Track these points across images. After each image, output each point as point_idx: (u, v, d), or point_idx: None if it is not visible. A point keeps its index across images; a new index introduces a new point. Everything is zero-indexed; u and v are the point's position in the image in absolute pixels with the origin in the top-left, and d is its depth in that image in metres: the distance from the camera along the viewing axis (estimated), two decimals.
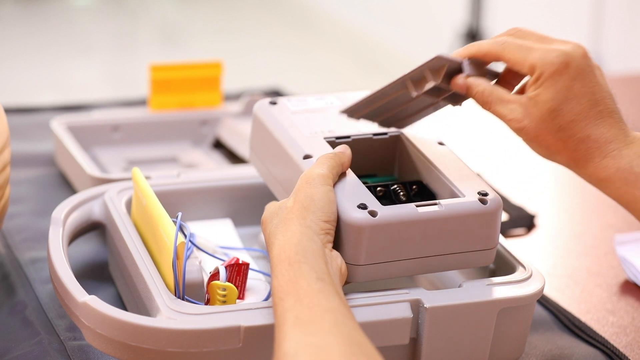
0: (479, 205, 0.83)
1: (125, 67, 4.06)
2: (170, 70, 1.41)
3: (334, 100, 0.96)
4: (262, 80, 3.07)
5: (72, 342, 0.90)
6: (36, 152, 1.38)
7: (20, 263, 1.05)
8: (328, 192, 0.80)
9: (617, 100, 0.83)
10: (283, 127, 0.91)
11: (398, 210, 0.82)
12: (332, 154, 0.84)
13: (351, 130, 0.92)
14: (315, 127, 0.92)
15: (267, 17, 4.77)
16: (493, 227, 0.85)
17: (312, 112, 0.94)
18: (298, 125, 0.91)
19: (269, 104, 0.95)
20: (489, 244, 0.85)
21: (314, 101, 0.96)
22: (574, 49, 0.81)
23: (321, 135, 0.90)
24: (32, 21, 4.62)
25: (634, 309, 1.01)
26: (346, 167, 0.85)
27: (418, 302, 0.82)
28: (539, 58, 0.80)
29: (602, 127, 0.81)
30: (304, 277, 0.73)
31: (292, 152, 0.88)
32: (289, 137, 0.90)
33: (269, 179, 0.94)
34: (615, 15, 3.23)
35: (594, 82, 0.81)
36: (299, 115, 0.93)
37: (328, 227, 0.79)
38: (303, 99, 0.96)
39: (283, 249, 0.76)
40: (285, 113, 0.93)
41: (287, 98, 0.96)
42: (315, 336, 0.68)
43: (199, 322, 0.77)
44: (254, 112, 0.95)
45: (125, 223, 0.93)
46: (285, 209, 0.79)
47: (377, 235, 0.80)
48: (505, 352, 0.86)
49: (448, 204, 0.83)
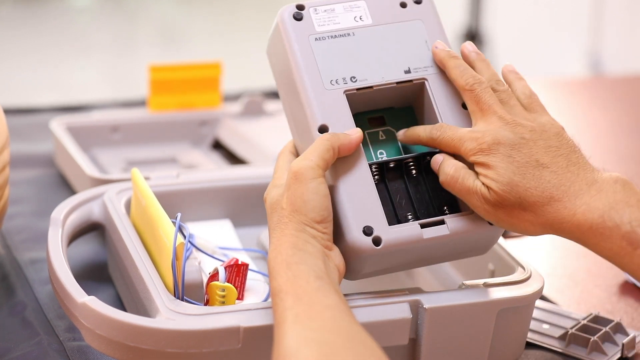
0: (486, 225, 0.82)
1: (124, 67, 4.06)
2: (170, 71, 1.41)
3: (362, 13, 0.88)
4: (262, 81, 3.07)
5: (72, 343, 0.90)
6: (36, 153, 1.38)
7: (20, 264, 1.05)
8: (318, 187, 0.78)
9: None
10: (302, 71, 0.84)
11: (403, 234, 0.80)
12: (328, 136, 0.80)
13: (376, 75, 0.85)
14: (338, 69, 0.84)
15: (267, 17, 4.76)
16: (495, 239, 0.85)
17: (337, 39, 0.86)
18: (320, 65, 0.84)
19: (294, 18, 0.85)
20: (487, 249, 0.86)
21: (343, 13, 0.87)
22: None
23: (342, 86, 0.84)
24: (31, 22, 4.62)
25: (633, 309, 1.01)
26: (347, 152, 0.81)
27: (417, 302, 0.82)
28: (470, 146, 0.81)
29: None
30: (302, 276, 0.73)
31: (308, 113, 0.83)
32: (306, 90, 0.83)
33: (283, 104, 0.88)
34: (615, 15, 3.23)
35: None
36: (322, 46, 0.85)
37: (322, 227, 0.78)
38: (332, 7, 0.87)
39: (279, 251, 0.76)
40: (308, 41, 0.85)
41: (314, 7, 0.86)
42: (316, 332, 0.68)
43: (198, 322, 0.77)
44: (277, 18, 0.86)
45: (124, 224, 0.93)
46: (280, 210, 0.79)
47: (378, 259, 0.80)
48: (504, 352, 0.86)
49: (454, 226, 0.81)
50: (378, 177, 0.83)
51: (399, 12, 0.88)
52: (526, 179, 0.78)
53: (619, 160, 1.45)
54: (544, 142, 0.80)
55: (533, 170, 0.79)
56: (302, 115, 0.84)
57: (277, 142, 1.27)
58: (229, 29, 4.62)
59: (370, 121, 0.86)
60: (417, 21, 0.88)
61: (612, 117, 1.65)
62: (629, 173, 1.40)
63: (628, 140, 1.55)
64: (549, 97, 1.73)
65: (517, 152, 0.79)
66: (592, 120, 1.65)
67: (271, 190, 0.82)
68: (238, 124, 1.37)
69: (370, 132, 0.85)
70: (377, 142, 0.85)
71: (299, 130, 0.85)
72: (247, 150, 1.30)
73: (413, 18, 0.88)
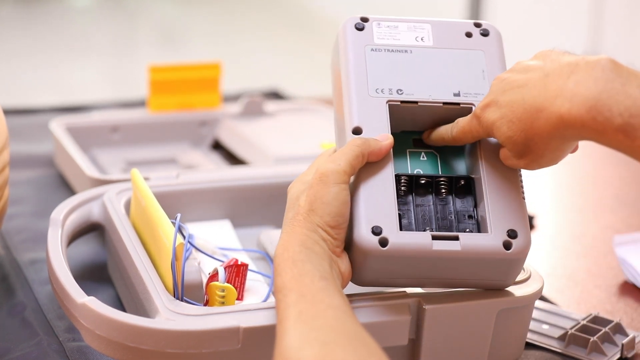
0: (501, 250, 0.79)
1: (124, 68, 4.06)
2: (170, 72, 1.41)
3: (425, 35, 0.88)
4: (262, 81, 3.07)
5: (71, 343, 0.90)
6: (35, 153, 1.38)
7: (20, 264, 1.05)
8: (339, 192, 0.78)
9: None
10: (350, 76, 0.85)
11: (412, 240, 0.78)
12: (360, 142, 0.80)
13: (424, 92, 0.85)
14: (386, 80, 0.85)
15: (267, 18, 4.77)
16: (513, 271, 0.81)
17: (393, 53, 0.86)
18: (369, 73, 0.85)
19: (355, 27, 0.87)
20: (506, 281, 0.82)
21: (406, 32, 0.88)
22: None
23: (387, 96, 0.84)
24: (31, 22, 4.62)
25: (633, 309, 1.01)
26: (375, 158, 0.80)
27: (417, 303, 0.82)
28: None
29: None
30: (307, 274, 0.73)
31: (347, 113, 0.83)
32: (350, 93, 0.84)
33: (334, 111, 0.88)
34: (615, 14, 3.23)
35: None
36: (377, 57, 0.86)
37: (335, 232, 0.78)
38: (395, 25, 0.88)
39: (287, 248, 0.76)
40: (363, 49, 0.86)
41: (377, 22, 0.88)
42: (319, 331, 0.68)
43: (198, 323, 0.77)
44: (340, 27, 0.87)
45: (124, 224, 0.93)
46: (298, 207, 0.79)
47: (384, 262, 0.79)
48: (504, 352, 0.86)
49: (467, 243, 0.79)
50: (406, 189, 0.82)
51: (463, 40, 0.88)
52: (513, 108, 0.77)
53: (618, 160, 1.45)
54: (520, 70, 0.79)
55: (514, 96, 0.78)
56: (341, 118, 0.84)
57: (276, 143, 1.27)
58: (229, 30, 4.62)
59: (415, 142, 0.86)
60: (479, 51, 0.87)
61: None
62: (629, 173, 1.40)
63: None
64: None
65: (504, 92, 0.79)
66: None
67: (295, 184, 0.82)
68: (238, 124, 1.37)
69: (412, 150, 0.85)
70: (417, 161, 0.85)
71: (338, 132, 0.86)
72: (247, 151, 1.30)
73: (475, 48, 0.87)
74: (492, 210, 0.80)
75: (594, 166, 1.44)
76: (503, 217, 0.80)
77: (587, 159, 1.47)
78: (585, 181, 1.39)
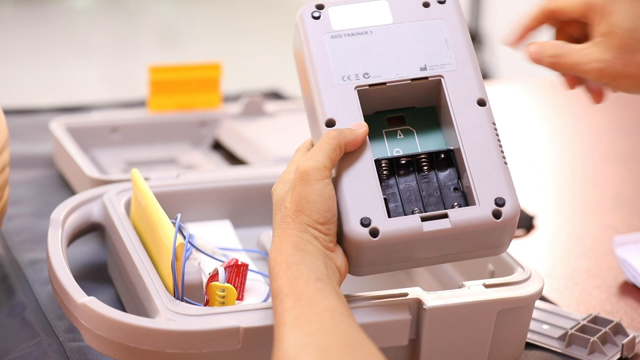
0: (491, 220, 0.80)
1: (124, 68, 4.06)
2: (170, 72, 1.41)
3: (383, 13, 0.87)
4: (262, 81, 3.07)
5: (71, 344, 0.90)
6: (35, 154, 1.38)
7: (20, 264, 1.05)
8: (323, 188, 0.78)
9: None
10: (314, 67, 0.84)
11: (402, 226, 0.79)
12: (334, 134, 0.80)
13: (390, 72, 0.85)
14: (351, 66, 0.84)
15: (267, 18, 4.77)
16: (506, 237, 0.82)
17: (354, 37, 0.86)
18: (332, 61, 0.84)
19: (312, 16, 0.86)
20: (501, 247, 0.83)
21: (363, 13, 0.87)
22: None
23: (354, 82, 0.84)
24: (31, 23, 4.62)
25: (633, 310, 1.01)
26: (352, 147, 0.81)
27: (417, 303, 0.82)
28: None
29: None
30: (302, 277, 0.73)
31: (318, 106, 0.83)
32: (317, 85, 0.83)
33: (304, 103, 0.88)
34: None
35: None
36: (337, 44, 0.85)
37: (325, 228, 0.78)
38: (352, 7, 0.87)
39: (280, 252, 0.76)
40: (323, 39, 0.85)
41: (333, 7, 0.87)
42: (315, 336, 0.68)
43: (198, 323, 0.77)
44: (297, 17, 0.87)
45: (124, 224, 0.93)
46: (284, 209, 0.79)
47: (378, 251, 0.79)
48: (504, 353, 0.86)
49: (457, 219, 0.79)
50: (387, 173, 0.82)
51: (422, 11, 0.87)
52: None
53: (619, 160, 1.45)
54: None
55: None
56: (313, 111, 0.84)
57: (276, 143, 1.27)
58: (229, 30, 4.62)
59: (390, 120, 0.86)
60: (439, 20, 0.87)
61: (612, 117, 1.65)
62: (629, 173, 1.40)
63: (628, 140, 1.55)
64: (548, 97, 1.74)
65: None
66: (592, 120, 1.65)
67: (279, 185, 0.82)
68: (238, 124, 1.37)
69: (388, 130, 0.85)
70: (395, 140, 0.84)
71: (311, 125, 0.85)
72: (247, 151, 1.30)
73: (435, 17, 0.87)
74: (476, 180, 0.80)
75: (594, 166, 1.44)
76: (488, 185, 0.80)
77: (587, 159, 1.47)
78: (585, 181, 1.39)
